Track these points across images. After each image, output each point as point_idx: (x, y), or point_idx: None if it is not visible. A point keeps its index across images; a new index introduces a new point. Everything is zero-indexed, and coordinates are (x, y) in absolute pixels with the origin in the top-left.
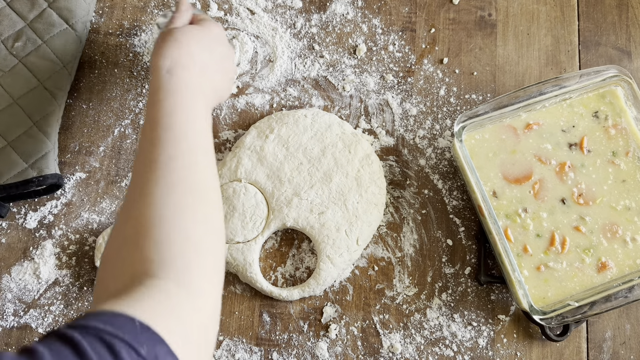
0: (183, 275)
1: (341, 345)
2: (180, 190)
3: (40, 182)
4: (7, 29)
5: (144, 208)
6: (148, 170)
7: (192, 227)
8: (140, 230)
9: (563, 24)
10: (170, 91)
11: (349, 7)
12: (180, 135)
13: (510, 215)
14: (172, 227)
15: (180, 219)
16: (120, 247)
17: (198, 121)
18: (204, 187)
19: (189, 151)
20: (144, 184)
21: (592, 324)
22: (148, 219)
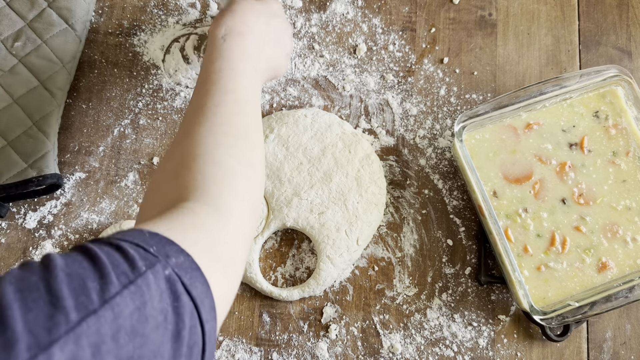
0: (213, 198)
1: (341, 346)
2: (221, 131)
3: (39, 182)
4: (6, 29)
5: (185, 145)
6: (194, 115)
7: (227, 159)
8: (180, 163)
9: (563, 23)
10: (223, 53)
11: (349, 6)
12: (227, 89)
13: (511, 215)
14: (209, 159)
15: (217, 152)
16: (161, 179)
17: (245, 79)
18: (244, 129)
19: (234, 101)
20: (189, 126)
21: (593, 324)
22: (188, 153)
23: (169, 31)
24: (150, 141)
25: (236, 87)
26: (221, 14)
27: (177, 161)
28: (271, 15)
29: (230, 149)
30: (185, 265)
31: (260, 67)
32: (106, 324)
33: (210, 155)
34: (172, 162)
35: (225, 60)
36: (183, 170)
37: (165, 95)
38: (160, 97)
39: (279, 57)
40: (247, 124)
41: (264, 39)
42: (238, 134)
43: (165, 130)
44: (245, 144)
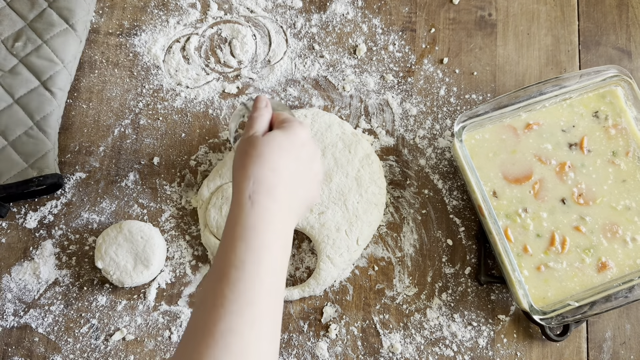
0: None
1: (341, 345)
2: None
3: (40, 182)
4: (7, 29)
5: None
6: (203, 343)
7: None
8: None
9: (563, 23)
10: (249, 227)
11: (349, 7)
12: (247, 301)
13: (511, 215)
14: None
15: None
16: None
17: (270, 273)
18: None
19: (251, 324)
20: (192, 351)
21: (592, 324)
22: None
23: (169, 31)
24: (150, 141)
25: (257, 295)
26: (245, 154)
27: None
28: (300, 145)
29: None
30: None
31: (293, 217)
32: None
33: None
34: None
35: (249, 244)
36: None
37: (165, 95)
38: (160, 97)
39: (311, 191)
40: (263, 356)
41: (296, 180)
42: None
43: (165, 130)
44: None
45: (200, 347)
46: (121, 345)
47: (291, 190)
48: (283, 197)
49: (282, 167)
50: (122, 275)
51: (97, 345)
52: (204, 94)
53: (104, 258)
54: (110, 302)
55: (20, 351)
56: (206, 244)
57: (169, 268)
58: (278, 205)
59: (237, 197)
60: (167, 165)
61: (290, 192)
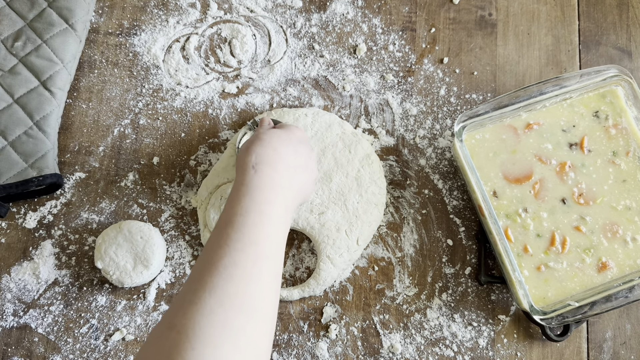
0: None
1: (341, 346)
2: (233, 307)
3: (39, 181)
4: (6, 29)
5: (189, 319)
6: (207, 273)
7: (230, 353)
8: (176, 344)
9: (563, 23)
10: (253, 187)
11: (349, 6)
12: (250, 240)
13: (511, 215)
14: (209, 350)
15: (220, 342)
16: (154, 357)
17: (273, 225)
18: (260, 303)
19: (254, 260)
20: (198, 289)
21: (593, 324)
22: (188, 334)
23: (169, 31)
24: (150, 141)
25: (260, 237)
26: (250, 142)
27: (176, 341)
28: (298, 142)
29: (238, 338)
30: None
31: (289, 197)
32: None
33: (214, 348)
34: (171, 338)
35: (254, 197)
36: (178, 357)
37: (165, 95)
38: (160, 97)
39: (307, 183)
40: (263, 293)
41: (294, 166)
42: (250, 313)
43: (165, 130)
44: (255, 324)
45: (205, 277)
46: (121, 346)
47: (290, 172)
48: (283, 172)
49: (283, 151)
50: (121, 275)
51: (97, 346)
52: (204, 94)
53: (103, 258)
54: (109, 302)
55: (19, 351)
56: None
57: (169, 268)
58: (279, 175)
59: (241, 169)
60: (166, 165)
61: (289, 173)
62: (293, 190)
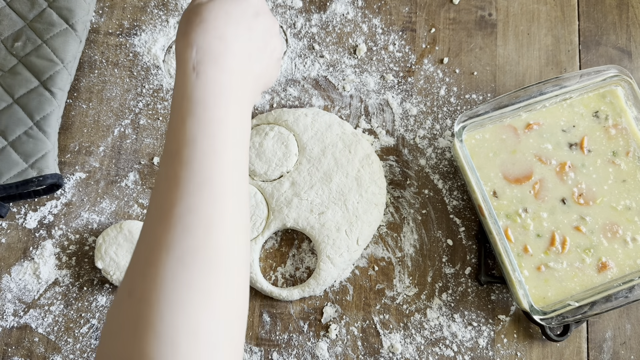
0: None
1: (341, 346)
2: (196, 264)
3: (40, 182)
4: (6, 29)
5: (150, 283)
6: (160, 228)
7: (204, 317)
8: (141, 314)
9: (563, 23)
10: (196, 100)
11: (349, 7)
12: (204, 176)
13: (511, 215)
14: (179, 317)
15: (190, 306)
16: (119, 330)
17: (228, 149)
18: (227, 254)
19: (212, 200)
20: (154, 247)
21: (593, 324)
22: (152, 302)
23: (169, 31)
24: (150, 141)
25: (214, 171)
26: (187, 22)
27: (138, 310)
28: (253, 15)
29: (207, 297)
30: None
31: (246, 98)
32: None
33: (179, 312)
34: (132, 308)
35: (199, 117)
36: (145, 329)
37: (165, 95)
38: (160, 97)
39: (268, 68)
40: (229, 241)
41: (249, 52)
42: (216, 267)
43: (165, 130)
44: (227, 279)
45: (157, 231)
46: None
47: (244, 63)
48: (234, 68)
49: (231, 36)
50: (122, 275)
51: (97, 346)
52: None
53: (104, 258)
54: (110, 302)
55: (20, 351)
56: None
57: None
58: (228, 76)
59: (180, 68)
60: None
61: (243, 65)
62: (248, 88)
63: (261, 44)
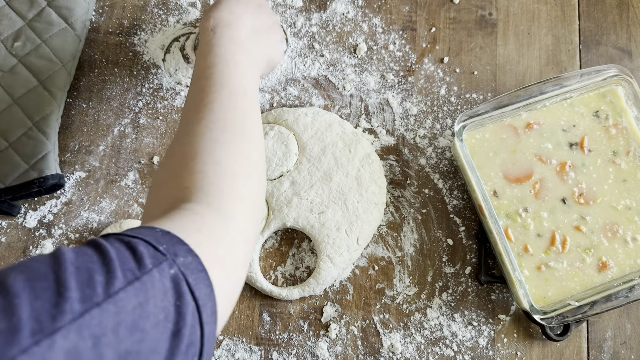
0: (214, 199)
1: (341, 345)
2: (218, 128)
3: (41, 183)
4: (6, 29)
5: (184, 144)
6: (191, 113)
7: (225, 158)
8: (180, 162)
9: (564, 23)
10: (214, 45)
11: (350, 6)
12: (222, 82)
13: (511, 215)
14: (208, 159)
15: (215, 151)
16: (164, 178)
17: (239, 70)
18: (242, 124)
19: (229, 95)
20: (187, 124)
21: (593, 324)
22: (187, 153)
23: (169, 30)
24: (150, 140)
25: (230, 80)
26: (209, 7)
27: (177, 160)
28: (257, 6)
29: (228, 145)
30: (192, 265)
31: (255, 57)
32: (109, 317)
33: (209, 154)
34: (172, 161)
35: (217, 53)
36: (183, 169)
37: (165, 94)
38: (160, 97)
39: (272, 45)
40: (243, 119)
41: (254, 27)
42: (236, 130)
43: (165, 129)
44: (242, 140)
45: (191, 114)
46: None
47: (250, 35)
48: (242, 30)
49: (240, 13)
50: None
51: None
52: None
53: None
54: None
55: None
56: None
57: None
58: (238, 33)
59: (202, 34)
60: None
61: (250, 36)
62: (255, 51)
63: (265, 26)
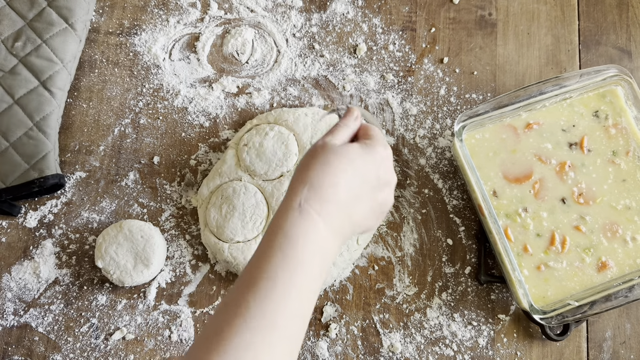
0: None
1: (341, 345)
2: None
3: (42, 183)
4: (6, 29)
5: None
6: (214, 350)
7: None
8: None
9: (563, 23)
10: (291, 237)
11: (349, 6)
12: (272, 320)
13: (511, 215)
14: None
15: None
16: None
17: (302, 295)
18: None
19: (269, 345)
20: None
21: (592, 324)
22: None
23: (169, 31)
24: (150, 140)
25: (281, 317)
26: (313, 156)
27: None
28: (374, 169)
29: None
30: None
31: (340, 240)
32: None
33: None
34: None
35: (287, 255)
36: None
37: (165, 94)
38: (160, 97)
39: (369, 220)
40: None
41: (354, 203)
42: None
43: (165, 129)
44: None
45: (212, 354)
46: (121, 345)
47: (345, 212)
48: (333, 216)
49: (343, 185)
50: (122, 274)
51: (97, 345)
52: (204, 94)
53: (104, 257)
54: (110, 302)
55: (20, 350)
56: (206, 243)
57: (169, 267)
58: (325, 222)
59: (287, 200)
60: (167, 164)
61: (343, 214)
62: (342, 235)
63: (370, 196)
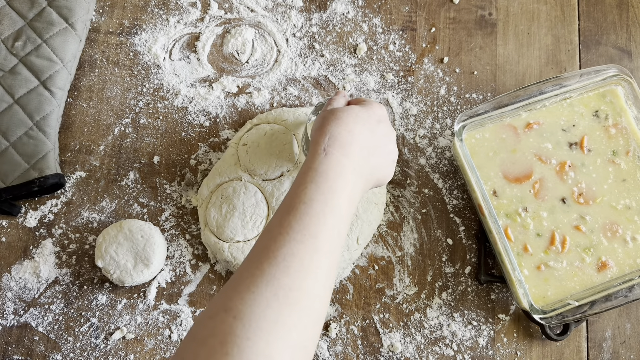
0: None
1: (341, 345)
2: (287, 302)
3: (42, 182)
4: (7, 29)
5: (248, 306)
6: (266, 261)
7: (280, 348)
8: (232, 331)
9: (563, 23)
10: (320, 172)
11: (350, 6)
12: (310, 232)
13: (511, 215)
14: (261, 342)
15: (272, 336)
16: (208, 337)
17: (335, 216)
18: (313, 302)
19: (312, 254)
20: (257, 275)
21: (592, 324)
22: (246, 325)
23: (169, 30)
24: (150, 140)
25: (320, 230)
26: (324, 119)
27: (224, 328)
28: (377, 121)
29: (286, 337)
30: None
31: (358, 184)
32: None
33: (259, 345)
34: (218, 323)
35: (319, 185)
36: (226, 349)
37: (165, 94)
38: (160, 97)
39: (384, 166)
40: (317, 291)
41: (369, 147)
42: (302, 310)
43: (165, 129)
44: (305, 328)
45: (263, 264)
46: (121, 344)
47: (364, 154)
48: (355, 155)
49: (357, 132)
50: (122, 274)
51: (97, 344)
52: (204, 93)
53: (104, 257)
54: (110, 301)
55: (20, 350)
56: (206, 243)
57: (169, 267)
58: (349, 160)
59: (313, 149)
60: (167, 164)
61: (363, 155)
62: (364, 175)
63: (380, 144)
